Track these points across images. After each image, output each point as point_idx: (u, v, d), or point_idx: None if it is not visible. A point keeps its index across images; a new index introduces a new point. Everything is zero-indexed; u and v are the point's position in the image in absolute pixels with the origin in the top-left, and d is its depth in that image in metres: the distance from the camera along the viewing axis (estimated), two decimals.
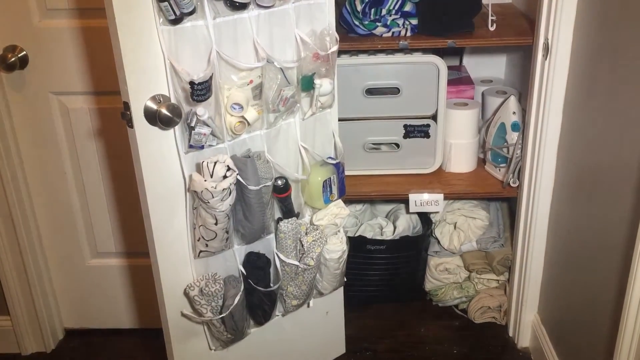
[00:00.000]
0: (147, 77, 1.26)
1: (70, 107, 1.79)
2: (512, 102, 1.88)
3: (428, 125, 1.94)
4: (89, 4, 1.66)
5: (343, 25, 1.83)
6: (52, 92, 1.77)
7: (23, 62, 1.71)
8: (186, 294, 1.48)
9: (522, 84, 2.05)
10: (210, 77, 1.28)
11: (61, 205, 1.92)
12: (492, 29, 1.80)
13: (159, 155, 1.34)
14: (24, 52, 1.71)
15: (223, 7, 1.28)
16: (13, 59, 1.69)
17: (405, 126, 1.95)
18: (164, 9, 1.20)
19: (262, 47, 1.36)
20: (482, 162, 2.06)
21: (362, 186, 1.97)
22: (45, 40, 1.70)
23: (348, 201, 1.80)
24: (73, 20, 1.68)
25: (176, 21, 1.23)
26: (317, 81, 1.47)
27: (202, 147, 1.36)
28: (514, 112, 1.87)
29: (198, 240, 1.43)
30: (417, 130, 1.95)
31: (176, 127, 1.32)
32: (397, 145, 1.98)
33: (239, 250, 1.54)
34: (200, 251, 1.45)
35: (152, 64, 1.25)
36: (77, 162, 1.87)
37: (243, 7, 1.29)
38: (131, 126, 1.28)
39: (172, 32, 1.24)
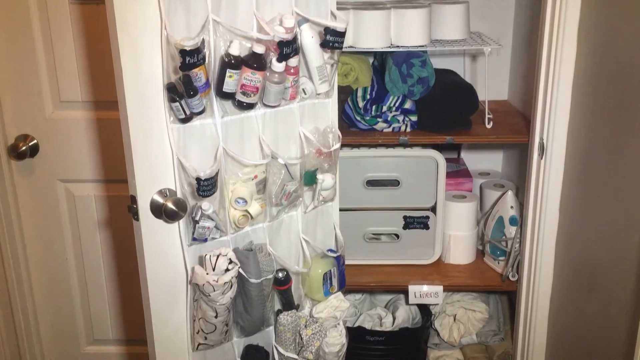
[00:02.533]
0: (155, 172, 1.30)
1: (77, 194, 1.83)
2: (510, 197, 1.92)
3: (427, 217, 1.97)
4: (102, 97, 1.73)
5: (345, 120, 1.89)
6: (60, 179, 1.81)
7: (33, 151, 1.77)
8: None
9: (519, 178, 2.10)
10: (217, 173, 1.32)
11: (60, 290, 1.93)
12: (489, 126, 1.86)
13: (163, 247, 1.36)
14: (35, 141, 1.77)
15: (231, 106, 1.34)
16: (24, 148, 1.75)
17: (405, 217, 1.98)
18: (174, 108, 1.25)
19: (267, 144, 1.41)
20: (481, 253, 2.07)
21: (362, 276, 1.98)
22: (57, 130, 1.76)
23: (347, 291, 1.81)
24: (85, 112, 1.75)
25: (186, 120, 1.28)
26: (319, 176, 1.51)
27: (205, 240, 1.38)
28: (511, 207, 1.91)
29: (197, 333, 1.42)
30: (417, 222, 1.98)
31: (180, 220, 1.34)
32: (397, 235, 2.00)
33: (238, 343, 1.53)
34: (199, 344, 1.44)
35: (160, 159, 1.30)
36: (80, 247, 1.89)
37: (251, 107, 1.35)
38: (137, 219, 1.31)
39: (182, 130, 1.29)
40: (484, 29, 2.09)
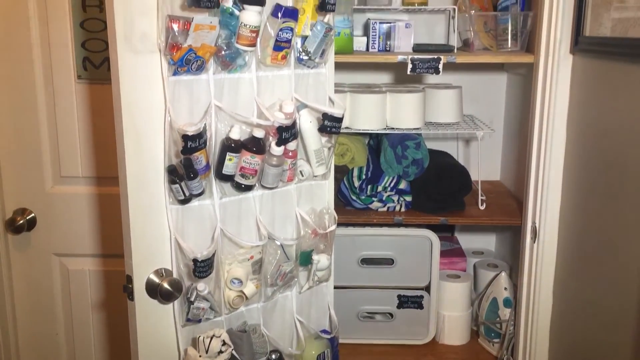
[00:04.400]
0: (152, 252, 1.31)
1: (71, 268, 1.83)
2: (504, 278, 1.93)
3: (421, 297, 1.97)
4: (102, 173, 1.75)
5: (341, 199, 1.92)
6: (55, 253, 1.81)
7: (31, 224, 1.77)
8: None
9: (513, 258, 2.11)
10: (213, 254, 1.33)
11: None
12: (482, 208, 1.89)
13: (156, 327, 1.35)
14: (33, 215, 1.78)
15: (230, 188, 1.36)
16: (21, 222, 1.75)
17: (399, 296, 1.98)
18: (174, 190, 1.27)
19: (264, 225, 1.42)
20: (475, 334, 2.06)
21: (356, 356, 1.95)
22: (55, 205, 1.77)
23: None
24: (84, 187, 1.77)
25: (185, 201, 1.30)
26: (315, 257, 1.52)
27: (199, 321, 1.37)
28: (505, 288, 1.91)
29: None
30: (411, 301, 1.98)
31: (175, 301, 1.34)
32: (391, 315, 1.99)
33: None
34: None
35: (158, 239, 1.31)
36: (71, 323, 1.86)
37: (249, 189, 1.37)
38: (132, 299, 1.31)
39: (180, 211, 1.31)
40: (476, 112, 2.16)
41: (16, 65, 1.72)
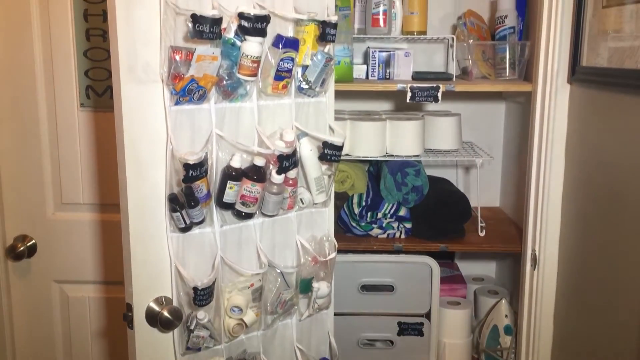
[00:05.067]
0: (152, 280, 1.31)
1: (71, 295, 1.83)
2: (504, 306, 1.92)
3: (422, 324, 1.96)
4: (103, 200, 1.76)
5: (340, 225, 1.93)
6: (55, 280, 1.81)
7: (31, 251, 1.78)
8: None
9: (513, 284, 2.11)
10: (214, 282, 1.33)
11: None
12: (481, 234, 1.89)
13: (156, 356, 1.34)
14: (33, 241, 1.78)
15: (230, 216, 1.37)
16: (22, 248, 1.75)
17: (399, 323, 1.97)
18: (175, 218, 1.28)
19: (265, 253, 1.43)
20: None
21: None
22: (56, 231, 1.78)
23: None
24: (86, 214, 1.77)
25: (185, 229, 1.30)
26: (315, 285, 1.52)
27: (199, 350, 1.37)
28: (506, 315, 1.91)
29: None
30: (411, 328, 1.97)
31: (175, 329, 1.34)
32: (392, 342, 1.98)
33: None
34: None
35: (158, 267, 1.31)
36: (70, 350, 1.86)
37: (249, 217, 1.38)
38: (131, 327, 1.31)
39: (181, 239, 1.31)
40: (475, 138, 2.17)
41: (20, 92, 1.74)
